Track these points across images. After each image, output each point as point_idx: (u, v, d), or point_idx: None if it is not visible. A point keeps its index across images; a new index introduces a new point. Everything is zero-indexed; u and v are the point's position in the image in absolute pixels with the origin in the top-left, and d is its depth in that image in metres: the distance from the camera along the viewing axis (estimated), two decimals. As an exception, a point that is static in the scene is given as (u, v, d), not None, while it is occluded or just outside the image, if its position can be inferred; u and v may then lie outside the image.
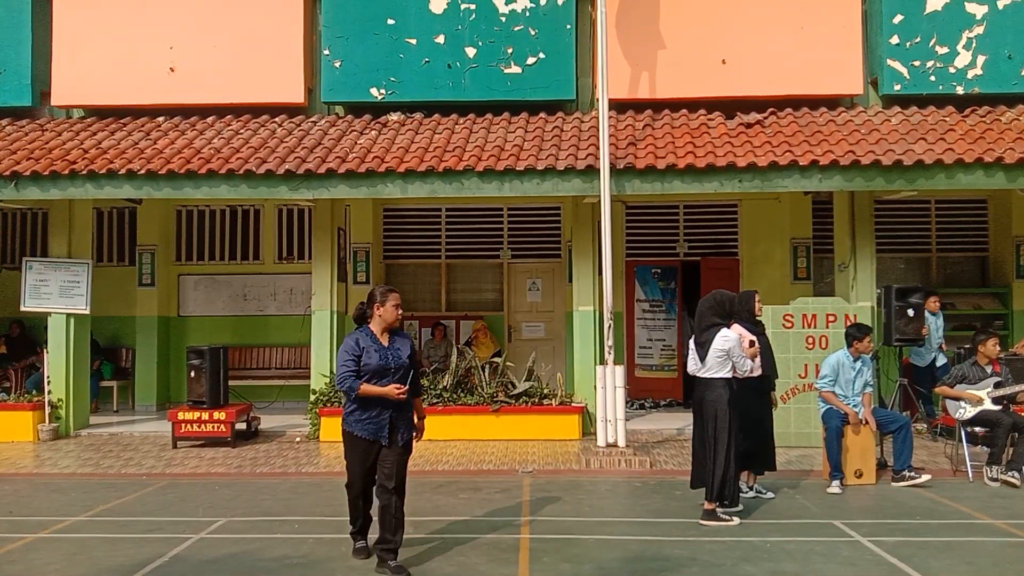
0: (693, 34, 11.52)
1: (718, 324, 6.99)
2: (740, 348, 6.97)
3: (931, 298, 11.26)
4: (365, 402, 5.74)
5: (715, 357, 6.93)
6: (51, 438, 11.11)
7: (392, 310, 5.82)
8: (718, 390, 6.93)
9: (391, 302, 5.83)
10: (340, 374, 5.68)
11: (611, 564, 5.90)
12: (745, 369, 6.98)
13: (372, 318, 5.85)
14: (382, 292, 5.88)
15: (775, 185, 10.29)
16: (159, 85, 11.86)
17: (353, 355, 5.69)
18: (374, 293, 5.89)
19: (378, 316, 5.82)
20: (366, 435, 5.77)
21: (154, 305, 13.57)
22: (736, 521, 6.86)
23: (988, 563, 5.89)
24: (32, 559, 6.14)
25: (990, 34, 11.32)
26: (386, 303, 5.81)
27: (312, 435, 11.04)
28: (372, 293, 5.91)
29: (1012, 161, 9.98)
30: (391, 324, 5.87)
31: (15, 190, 10.58)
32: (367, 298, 5.92)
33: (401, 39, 11.70)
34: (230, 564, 5.97)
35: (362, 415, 5.78)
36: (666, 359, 13.70)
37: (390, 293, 5.87)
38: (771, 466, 7.84)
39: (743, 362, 6.94)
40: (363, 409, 5.77)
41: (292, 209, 13.94)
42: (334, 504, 7.72)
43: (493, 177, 10.29)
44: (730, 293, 7.34)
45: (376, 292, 5.90)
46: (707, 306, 7.14)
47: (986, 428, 8.50)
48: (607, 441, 9.54)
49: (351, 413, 5.82)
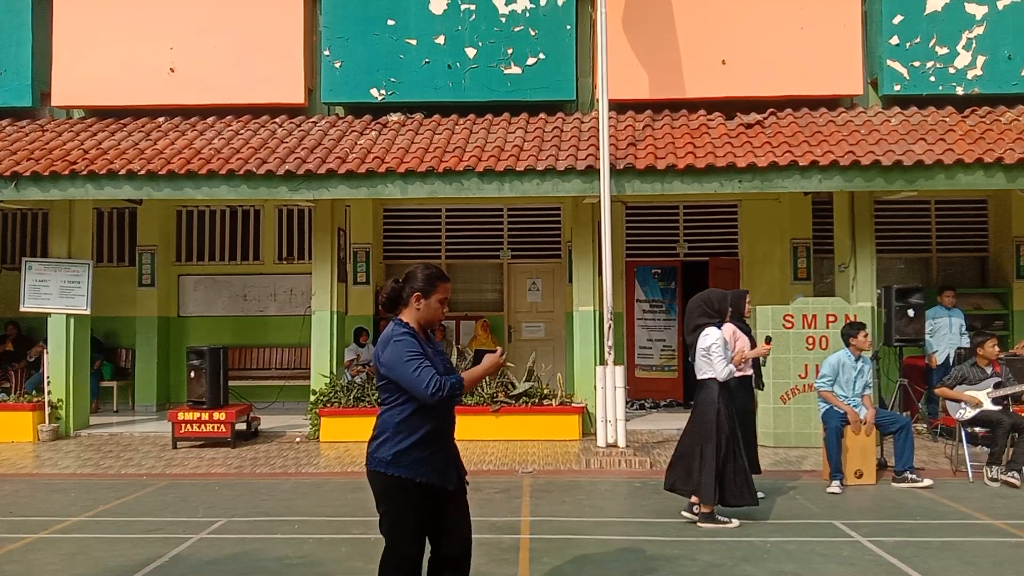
0: (693, 34, 11.52)
1: (705, 324, 6.94)
2: (723, 351, 6.81)
3: (946, 292, 11.26)
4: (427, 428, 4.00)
5: (700, 357, 6.90)
6: (51, 438, 11.11)
7: (437, 307, 4.10)
8: (708, 391, 6.87)
9: (438, 295, 4.08)
10: (423, 378, 3.85)
11: (611, 564, 5.90)
12: (720, 373, 6.79)
13: (407, 307, 4.08)
14: (427, 277, 4.07)
15: (775, 185, 10.29)
16: (159, 85, 11.86)
17: (421, 350, 3.96)
18: (415, 275, 4.09)
19: (415, 308, 4.06)
20: (429, 479, 3.99)
21: (154, 305, 13.57)
22: (735, 523, 6.82)
23: (988, 563, 5.88)
24: (32, 559, 6.13)
25: (990, 34, 11.32)
26: (431, 295, 4.06)
27: (312, 435, 11.04)
28: (413, 274, 4.10)
29: (1012, 161, 9.98)
30: (431, 323, 4.15)
31: (15, 190, 10.58)
32: (406, 277, 4.12)
33: (401, 39, 11.71)
34: (230, 564, 5.97)
35: (423, 449, 3.97)
36: (666, 359, 13.70)
37: (440, 281, 4.09)
38: (754, 468, 7.65)
39: (720, 363, 6.77)
40: (425, 441, 3.99)
41: (292, 209, 13.94)
42: (334, 504, 7.74)
43: (493, 177, 10.29)
44: (720, 291, 7.30)
45: (419, 274, 4.09)
46: (695, 305, 7.12)
47: (986, 428, 8.50)
48: (607, 441, 9.54)
49: (404, 451, 3.94)
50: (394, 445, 3.95)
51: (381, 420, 4.03)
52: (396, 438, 3.95)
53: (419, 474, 3.95)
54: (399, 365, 3.89)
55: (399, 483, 3.95)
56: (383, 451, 3.97)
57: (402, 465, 3.94)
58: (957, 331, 11.08)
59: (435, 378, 3.85)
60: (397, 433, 3.95)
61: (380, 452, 3.98)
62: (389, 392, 3.99)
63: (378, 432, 4.02)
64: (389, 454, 3.95)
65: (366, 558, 6.04)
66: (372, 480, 4.04)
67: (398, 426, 3.95)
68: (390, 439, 3.96)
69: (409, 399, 3.93)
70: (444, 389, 3.84)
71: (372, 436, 4.04)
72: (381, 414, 4.05)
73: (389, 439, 3.96)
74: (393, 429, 3.96)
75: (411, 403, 3.94)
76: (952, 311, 11.18)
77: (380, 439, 4.00)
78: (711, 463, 6.72)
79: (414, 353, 3.90)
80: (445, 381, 3.86)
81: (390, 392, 3.99)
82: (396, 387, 3.94)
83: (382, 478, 3.98)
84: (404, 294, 4.08)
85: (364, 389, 11.09)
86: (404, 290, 4.08)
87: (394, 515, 3.99)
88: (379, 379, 4.03)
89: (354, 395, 10.97)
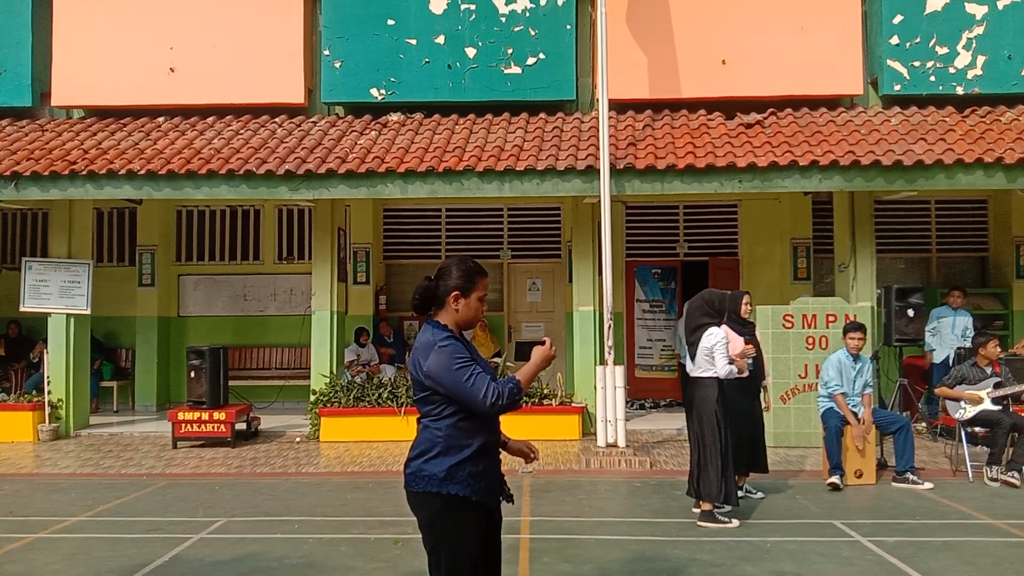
0: (693, 34, 11.52)
1: (707, 323, 7.01)
2: (724, 348, 6.89)
3: (954, 292, 11.26)
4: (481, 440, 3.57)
5: (702, 355, 6.95)
6: (51, 438, 11.11)
7: (477, 306, 3.66)
8: (706, 388, 6.93)
9: (477, 292, 3.66)
10: (479, 387, 3.42)
11: (611, 564, 5.90)
12: (722, 372, 6.87)
13: (443, 307, 3.64)
14: (466, 273, 3.63)
15: (775, 185, 10.29)
16: (159, 85, 11.86)
17: (470, 355, 3.55)
18: (450, 271, 3.63)
19: (453, 309, 3.61)
20: (484, 497, 3.56)
21: (154, 305, 13.57)
22: (735, 523, 6.83)
23: (988, 563, 5.88)
24: (32, 559, 6.14)
25: (990, 34, 11.32)
26: (471, 293, 3.63)
27: (312, 435, 11.04)
28: (448, 271, 3.64)
29: (1012, 161, 9.98)
30: (470, 324, 3.72)
31: (15, 190, 10.58)
32: (439, 274, 3.66)
33: (401, 39, 11.70)
34: (230, 564, 5.96)
35: (476, 464, 3.54)
36: (666, 359, 13.70)
37: (479, 277, 3.66)
38: (762, 468, 7.74)
39: (722, 362, 6.85)
40: (479, 454, 3.55)
41: (292, 209, 13.94)
42: (334, 504, 7.73)
43: (493, 177, 10.29)
44: (720, 292, 7.38)
45: (455, 270, 3.63)
46: (696, 305, 7.20)
47: (986, 428, 8.50)
48: (607, 441, 9.54)
49: (458, 465, 3.51)
50: (446, 460, 3.49)
51: (426, 434, 3.56)
52: (448, 452, 3.50)
53: (475, 491, 3.50)
54: (448, 374, 3.45)
55: (456, 502, 3.48)
56: (433, 467, 3.49)
57: (458, 481, 3.48)
58: (960, 332, 11.06)
59: (492, 386, 3.42)
60: (449, 448, 3.50)
61: (430, 469, 3.49)
62: (433, 404, 3.54)
63: (425, 448, 3.53)
64: (441, 470, 3.47)
65: (366, 558, 6.05)
66: (421, 503, 3.53)
67: (448, 440, 3.51)
68: (441, 454, 3.49)
69: (458, 409, 3.50)
70: (503, 397, 3.40)
71: (415, 454, 3.56)
72: (425, 428, 3.58)
73: (441, 454, 3.50)
74: (443, 443, 3.50)
75: (459, 413, 3.51)
76: (958, 312, 11.17)
77: (428, 455, 3.51)
78: (711, 460, 6.78)
79: (463, 360, 3.46)
80: (503, 388, 3.42)
81: (434, 403, 3.54)
82: (442, 398, 3.51)
83: (436, 499, 3.48)
84: (439, 293, 3.62)
85: (364, 389, 11.10)
86: (439, 289, 3.62)
87: (453, 540, 3.49)
88: (419, 390, 3.59)
89: (354, 395, 10.97)
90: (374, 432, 10.79)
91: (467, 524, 3.51)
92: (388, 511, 7.39)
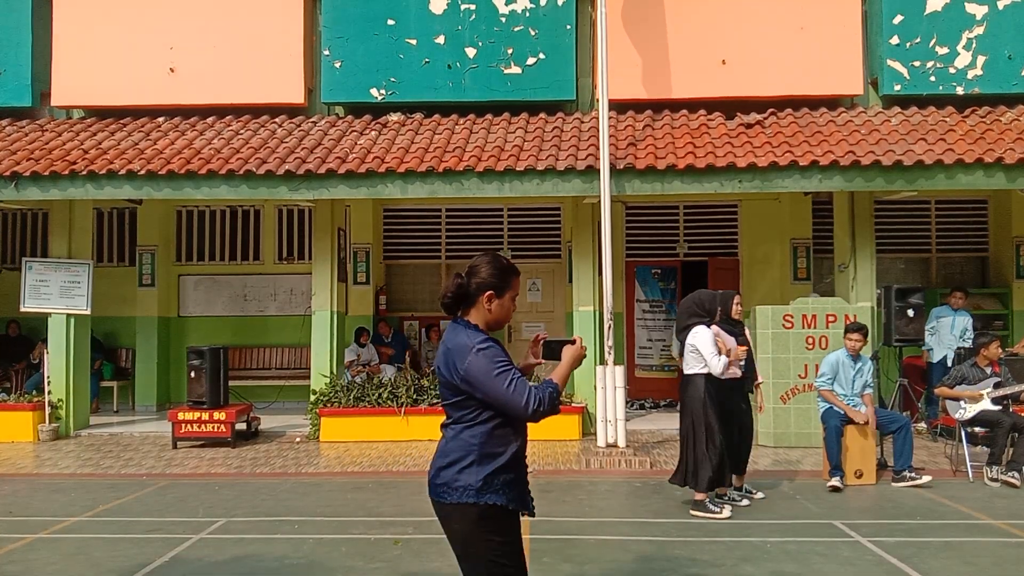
0: (693, 34, 11.52)
1: (695, 323, 7.20)
2: (713, 346, 7.06)
3: (955, 293, 11.26)
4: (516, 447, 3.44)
5: (689, 353, 7.17)
6: (51, 438, 11.11)
7: (510, 306, 3.51)
8: (695, 386, 7.14)
9: (512, 292, 3.50)
10: (520, 393, 3.26)
11: (611, 564, 5.90)
12: (715, 367, 7.03)
13: (474, 307, 3.46)
14: (501, 271, 3.46)
15: (775, 185, 10.29)
16: (159, 85, 11.86)
17: (509, 360, 3.37)
18: (482, 269, 3.45)
19: (486, 309, 3.45)
20: (518, 506, 3.46)
21: (154, 305, 13.57)
22: (727, 512, 6.96)
23: (988, 563, 5.88)
24: (32, 559, 6.13)
25: (990, 34, 11.32)
26: (505, 293, 3.47)
27: (312, 435, 11.04)
28: (478, 268, 3.46)
29: (1012, 161, 9.98)
30: (500, 325, 3.54)
31: (15, 190, 10.58)
32: (471, 271, 3.47)
33: (401, 39, 11.70)
34: (230, 565, 5.96)
35: (509, 471, 3.41)
36: (666, 359, 13.69)
37: (513, 276, 3.51)
38: (740, 469, 7.72)
39: (713, 359, 7.02)
40: (513, 461, 3.43)
41: (292, 209, 13.94)
42: (334, 504, 7.73)
43: (493, 177, 10.29)
44: (710, 292, 7.56)
45: (488, 267, 3.45)
46: (686, 305, 7.43)
47: (986, 428, 8.50)
48: (607, 441, 9.54)
49: (493, 473, 3.36)
50: (482, 469, 3.33)
51: (458, 441, 3.38)
52: (483, 461, 3.34)
53: (511, 499, 3.37)
54: (488, 379, 3.27)
55: (492, 512, 3.34)
56: (469, 477, 3.32)
57: (494, 490, 3.33)
58: (959, 332, 11.05)
59: (532, 392, 3.26)
60: (483, 456, 3.34)
61: (465, 479, 3.32)
62: (467, 409, 3.37)
63: (458, 456, 3.35)
64: (478, 480, 3.31)
65: (366, 558, 6.05)
66: (455, 515, 3.36)
67: (484, 447, 3.34)
68: (476, 463, 3.33)
69: (493, 415, 3.34)
70: (544, 403, 3.26)
71: (446, 462, 3.37)
72: (456, 435, 3.39)
73: (475, 463, 3.33)
74: (479, 451, 3.34)
75: (495, 419, 3.35)
76: (959, 312, 11.15)
77: (462, 464, 3.34)
78: (704, 453, 7.00)
79: (503, 364, 3.29)
80: (543, 394, 3.27)
81: (468, 409, 3.37)
82: (477, 403, 3.34)
83: (472, 510, 3.32)
84: (471, 291, 3.43)
85: (364, 389, 11.10)
86: (471, 287, 3.43)
87: (497, 552, 3.36)
88: (451, 394, 3.40)
89: (354, 395, 10.97)
90: (374, 432, 10.79)
91: (509, 532, 3.40)
92: (388, 511, 7.39)
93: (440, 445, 3.44)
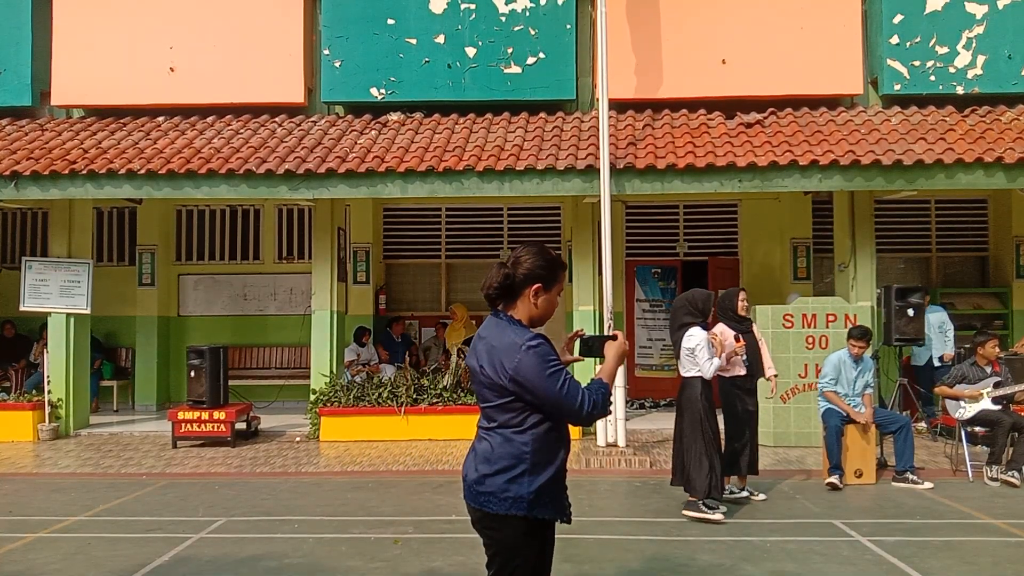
0: (693, 34, 11.52)
1: (689, 323, 7.09)
2: (706, 349, 6.96)
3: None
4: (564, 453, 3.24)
5: (684, 356, 7.08)
6: (51, 438, 11.11)
7: (556, 302, 3.29)
8: (691, 388, 7.06)
9: (559, 286, 3.28)
10: (573, 394, 3.06)
11: (611, 564, 5.90)
12: (707, 371, 6.96)
13: (520, 301, 3.23)
14: (549, 264, 3.24)
15: (775, 185, 10.29)
16: (159, 85, 11.86)
17: (559, 358, 3.16)
18: (527, 260, 3.22)
19: (532, 303, 3.22)
20: (564, 517, 3.27)
21: (154, 305, 13.56)
22: (719, 515, 6.89)
23: (988, 563, 5.88)
24: (32, 559, 6.13)
25: (990, 34, 11.32)
26: (552, 287, 3.25)
27: (312, 435, 11.04)
28: (522, 259, 3.23)
29: (1012, 161, 9.98)
30: (543, 321, 3.30)
31: (15, 190, 10.58)
32: (514, 262, 3.23)
33: (401, 39, 11.70)
34: (230, 564, 5.96)
35: (557, 480, 3.21)
36: (666, 359, 13.68)
37: (561, 269, 3.29)
38: (753, 470, 7.75)
39: (705, 363, 6.93)
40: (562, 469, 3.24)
41: (292, 209, 13.94)
42: (334, 504, 7.73)
43: (493, 177, 10.29)
44: (704, 291, 7.40)
45: (536, 260, 3.23)
46: (680, 305, 7.29)
47: (986, 428, 8.50)
48: (607, 441, 9.54)
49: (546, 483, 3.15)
50: (536, 479, 3.10)
51: (508, 448, 3.13)
52: (535, 470, 3.10)
53: (558, 510, 3.18)
54: (541, 380, 3.03)
55: (541, 525, 3.16)
56: (521, 488, 3.09)
57: (545, 503, 3.12)
58: (936, 327, 11.07)
59: (586, 393, 3.06)
60: (536, 464, 3.10)
61: (517, 490, 3.09)
62: (514, 411, 3.13)
63: (508, 464, 3.12)
64: (530, 491, 3.09)
65: (366, 558, 6.05)
66: (501, 525, 3.14)
67: (536, 454, 3.10)
68: (528, 472, 3.09)
69: (543, 418, 3.12)
70: (598, 406, 3.06)
71: (493, 470, 3.14)
72: (505, 440, 3.14)
73: (527, 472, 3.09)
74: (531, 458, 3.10)
75: (544, 423, 3.13)
76: (930, 308, 11.08)
77: (514, 472, 3.10)
78: (701, 457, 6.93)
79: (555, 363, 3.06)
80: (597, 395, 3.08)
81: (515, 411, 3.12)
82: (526, 405, 3.10)
83: (522, 524, 3.11)
84: (516, 283, 3.19)
85: (364, 389, 11.10)
86: (517, 278, 3.19)
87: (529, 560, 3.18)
88: (496, 395, 3.15)
89: (354, 395, 10.97)
90: (374, 432, 10.80)
91: (544, 541, 3.25)
92: (388, 511, 7.39)
93: (481, 448, 3.21)
